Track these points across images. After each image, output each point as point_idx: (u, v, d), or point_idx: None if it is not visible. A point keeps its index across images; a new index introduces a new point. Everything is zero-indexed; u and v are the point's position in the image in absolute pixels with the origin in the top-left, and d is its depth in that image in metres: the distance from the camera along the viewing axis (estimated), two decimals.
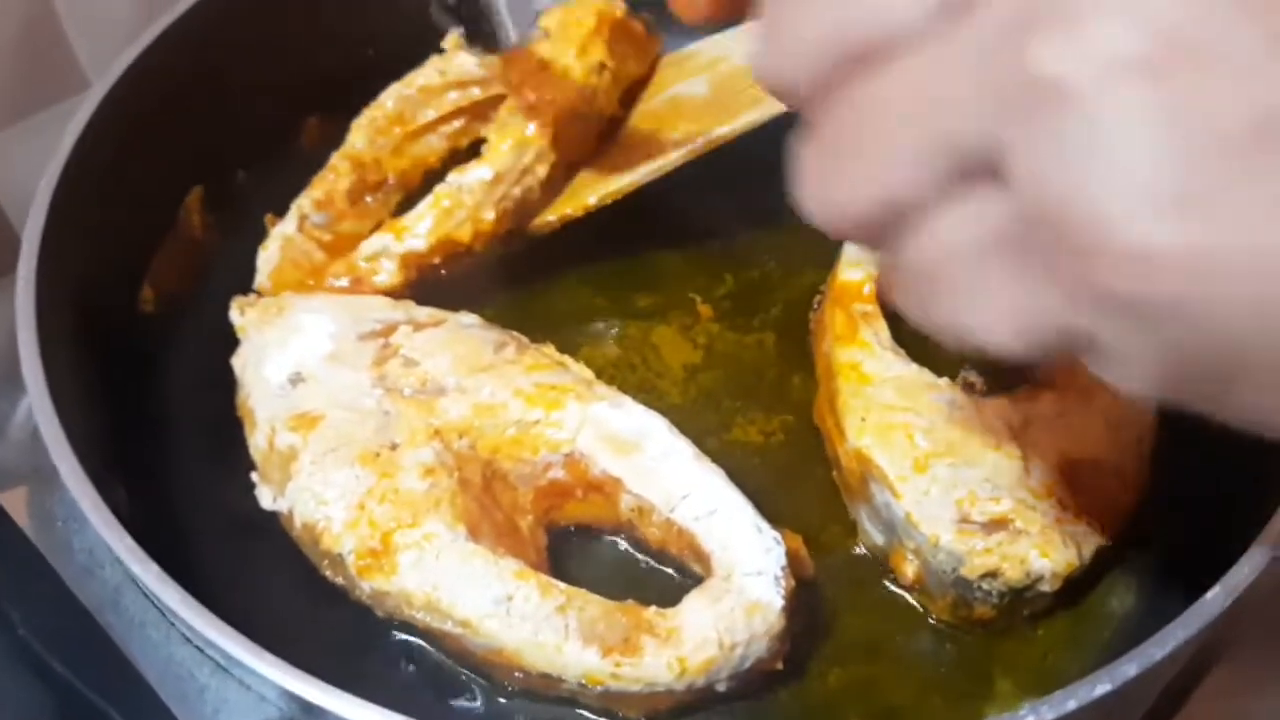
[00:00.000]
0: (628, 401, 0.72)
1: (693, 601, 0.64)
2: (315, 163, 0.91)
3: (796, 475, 0.76)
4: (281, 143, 0.91)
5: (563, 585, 0.64)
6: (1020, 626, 0.70)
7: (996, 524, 0.67)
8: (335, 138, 0.86)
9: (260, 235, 0.87)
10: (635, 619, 0.64)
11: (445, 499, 0.66)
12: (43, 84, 0.92)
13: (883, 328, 0.77)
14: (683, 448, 0.70)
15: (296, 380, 0.71)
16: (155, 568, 0.57)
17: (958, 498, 0.68)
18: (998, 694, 0.68)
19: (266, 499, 0.69)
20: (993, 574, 0.66)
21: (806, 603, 0.67)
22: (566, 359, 0.76)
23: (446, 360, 0.72)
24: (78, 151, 0.72)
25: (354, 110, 0.91)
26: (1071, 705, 0.55)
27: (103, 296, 0.75)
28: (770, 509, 0.68)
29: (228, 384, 0.74)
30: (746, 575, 0.64)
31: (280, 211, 0.86)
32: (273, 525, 0.69)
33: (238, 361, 0.74)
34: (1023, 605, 0.68)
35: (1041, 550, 0.66)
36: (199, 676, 0.65)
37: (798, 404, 0.79)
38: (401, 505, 0.65)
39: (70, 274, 0.70)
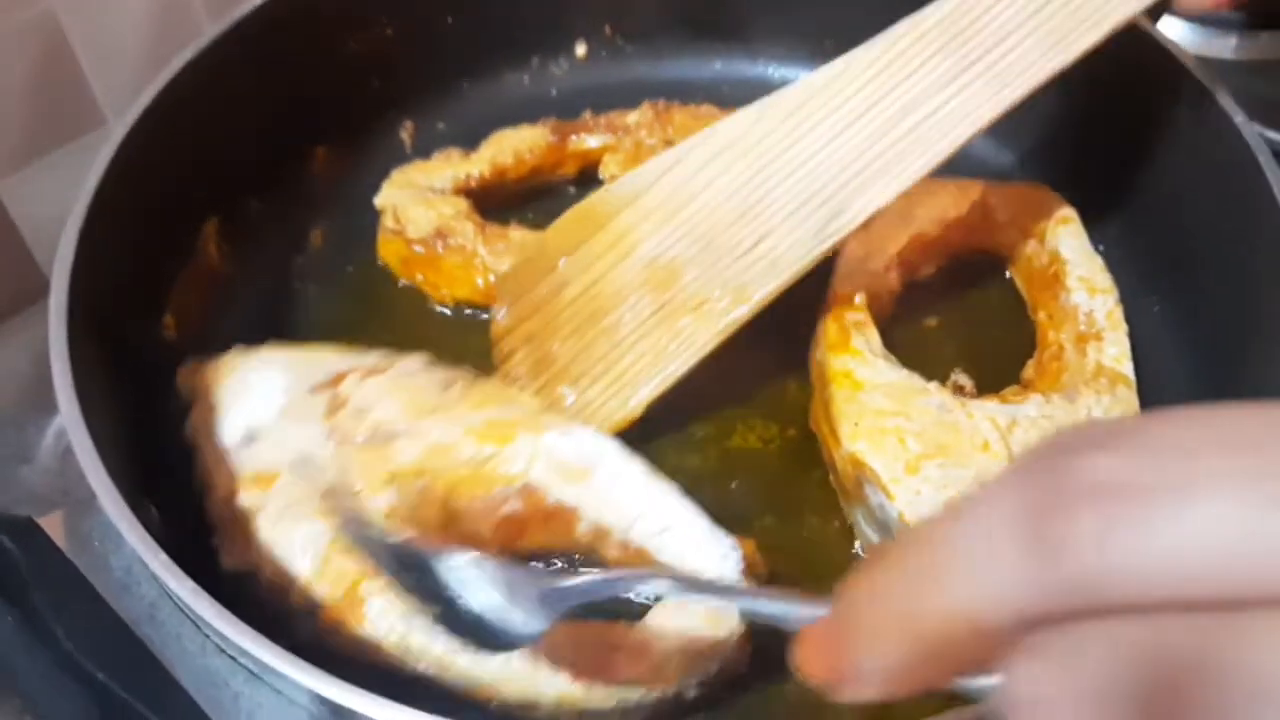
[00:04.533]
0: (577, 428, 0.73)
1: (657, 615, 0.66)
2: (323, 190, 0.95)
3: (795, 480, 0.79)
4: (291, 172, 0.94)
5: None
6: None
7: None
8: (342, 166, 0.88)
9: (272, 264, 0.91)
10: (602, 638, 0.65)
11: None
12: (60, 121, 0.95)
13: (874, 335, 0.79)
14: (634, 470, 0.71)
15: (250, 439, 0.71)
16: (190, 583, 0.59)
17: (948, 497, 0.70)
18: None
19: (229, 561, 0.68)
20: None
21: None
22: (514, 390, 0.77)
23: (395, 405, 0.72)
24: (101, 189, 0.75)
25: (359, 139, 0.95)
26: None
27: (128, 326, 0.78)
28: (771, 513, 0.70)
29: None
30: None
31: (293, 238, 0.90)
32: None
33: (189, 428, 0.74)
34: None
35: None
36: (233, 684, 0.67)
37: (795, 411, 0.82)
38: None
39: (97, 306, 0.73)
